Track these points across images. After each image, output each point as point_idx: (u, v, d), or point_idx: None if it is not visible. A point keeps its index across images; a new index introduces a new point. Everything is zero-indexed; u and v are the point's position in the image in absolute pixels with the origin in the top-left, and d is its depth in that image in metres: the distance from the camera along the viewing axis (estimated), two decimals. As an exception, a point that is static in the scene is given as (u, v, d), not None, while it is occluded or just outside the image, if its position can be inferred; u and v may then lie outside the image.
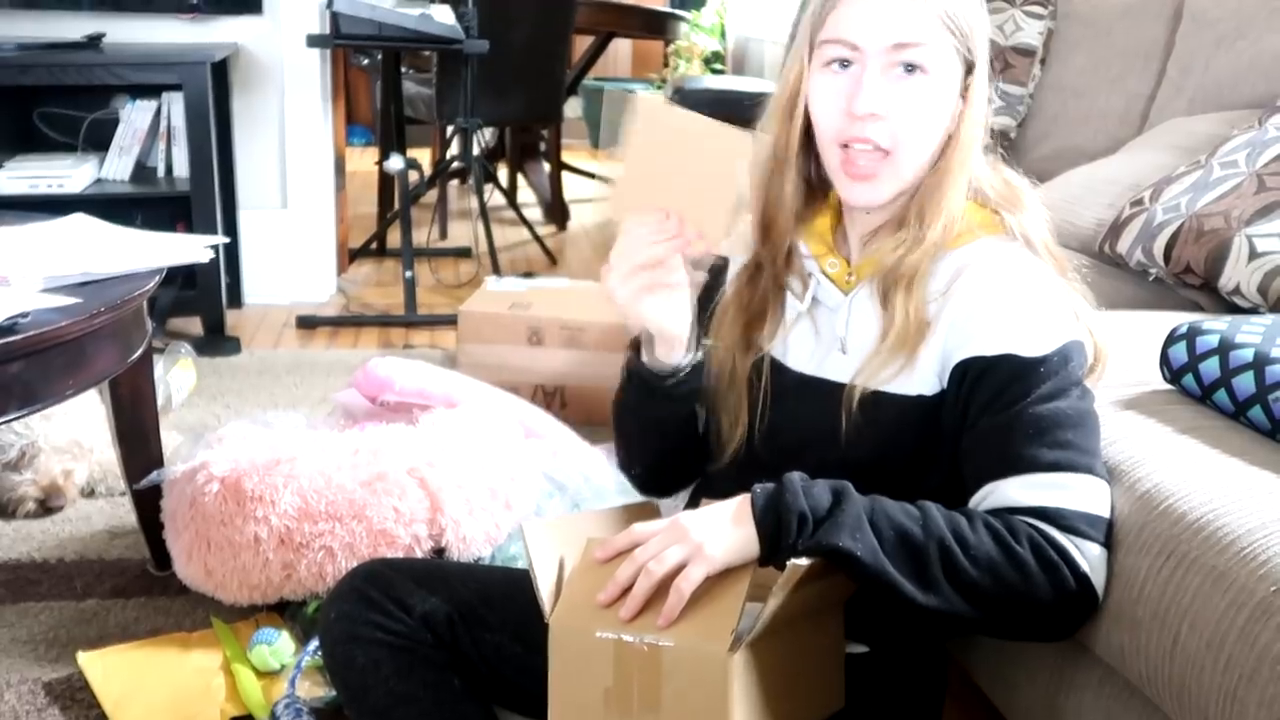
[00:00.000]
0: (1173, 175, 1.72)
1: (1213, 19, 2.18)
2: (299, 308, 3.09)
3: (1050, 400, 0.95)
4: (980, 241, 1.02)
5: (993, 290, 0.99)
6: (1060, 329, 0.98)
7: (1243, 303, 1.50)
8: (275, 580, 1.53)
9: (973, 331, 0.98)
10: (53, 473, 1.89)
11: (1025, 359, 0.96)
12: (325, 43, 2.91)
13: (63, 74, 2.65)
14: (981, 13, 1.02)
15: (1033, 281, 0.99)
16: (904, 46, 0.98)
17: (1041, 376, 0.95)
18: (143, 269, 1.51)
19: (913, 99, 0.98)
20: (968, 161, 1.02)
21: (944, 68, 0.99)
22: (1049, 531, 0.91)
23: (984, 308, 0.98)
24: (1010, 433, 0.95)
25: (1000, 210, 1.04)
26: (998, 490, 0.95)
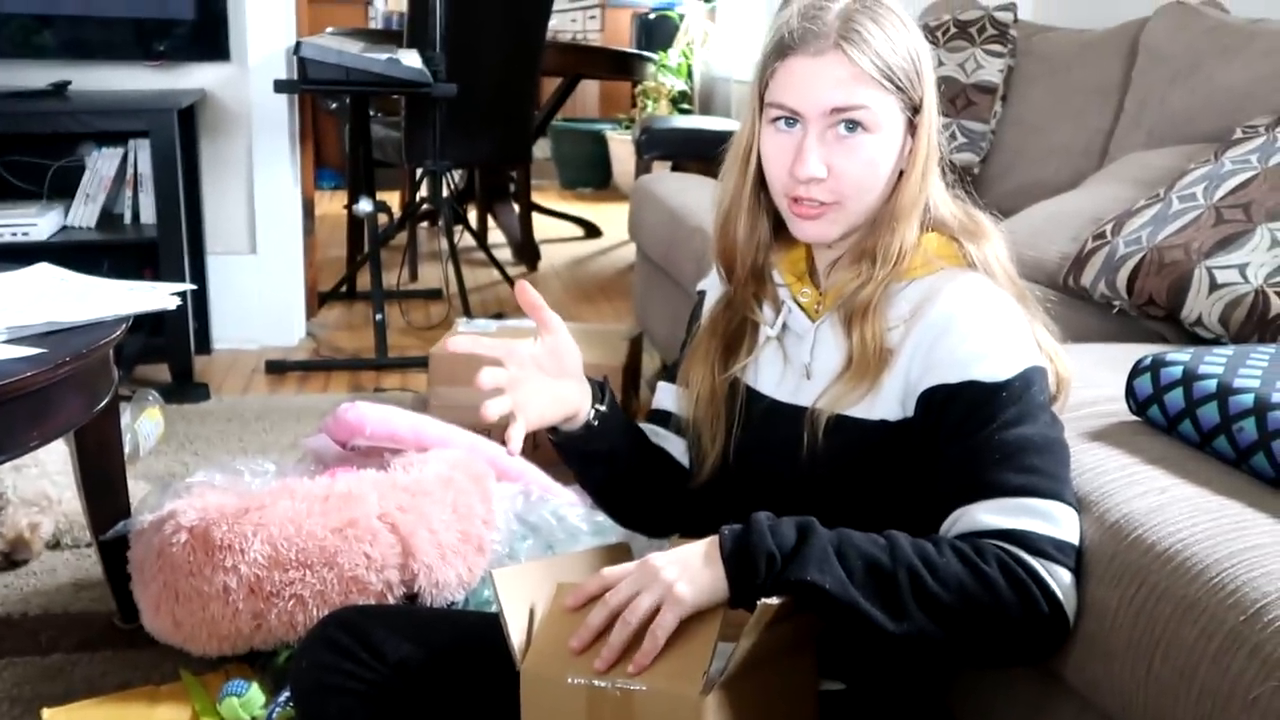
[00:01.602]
0: (1133, 208, 1.75)
1: (1167, 56, 2.23)
2: (268, 352, 3.07)
3: (1016, 425, 0.96)
4: (942, 271, 1.03)
5: (954, 318, 1.00)
6: (1021, 354, 0.99)
7: (1205, 334, 1.52)
8: (245, 630, 1.51)
9: (935, 360, 0.99)
10: (19, 525, 1.86)
11: (987, 384, 0.96)
12: (293, 88, 2.92)
13: (28, 122, 2.65)
14: (920, 48, 1.03)
15: (993, 309, 1.01)
16: (842, 111, 1.00)
17: (1005, 401, 0.96)
18: (108, 317, 1.49)
19: (855, 157, 1.01)
20: (920, 194, 1.04)
21: (886, 120, 1.01)
22: (1018, 553, 0.92)
23: (945, 336, 0.99)
24: (977, 458, 0.96)
25: (961, 240, 1.05)
26: (966, 515, 0.95)
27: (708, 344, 1.15)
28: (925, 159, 1.03)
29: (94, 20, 2.82)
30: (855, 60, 0.99)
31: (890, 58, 1.00)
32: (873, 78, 0.99)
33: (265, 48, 2.98)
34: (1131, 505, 0.98)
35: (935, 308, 1.00)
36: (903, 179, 1.03)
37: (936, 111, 1.04)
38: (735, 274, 1.13)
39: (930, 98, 1.03)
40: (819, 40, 1.00)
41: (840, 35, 0.99)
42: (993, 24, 2.64)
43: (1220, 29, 2.16)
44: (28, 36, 2.77)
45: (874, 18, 1.00)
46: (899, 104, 1.01)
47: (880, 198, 1.03)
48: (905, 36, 1.01)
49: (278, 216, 3.10)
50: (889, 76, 0.99)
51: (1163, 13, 2.32)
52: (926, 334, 1.00)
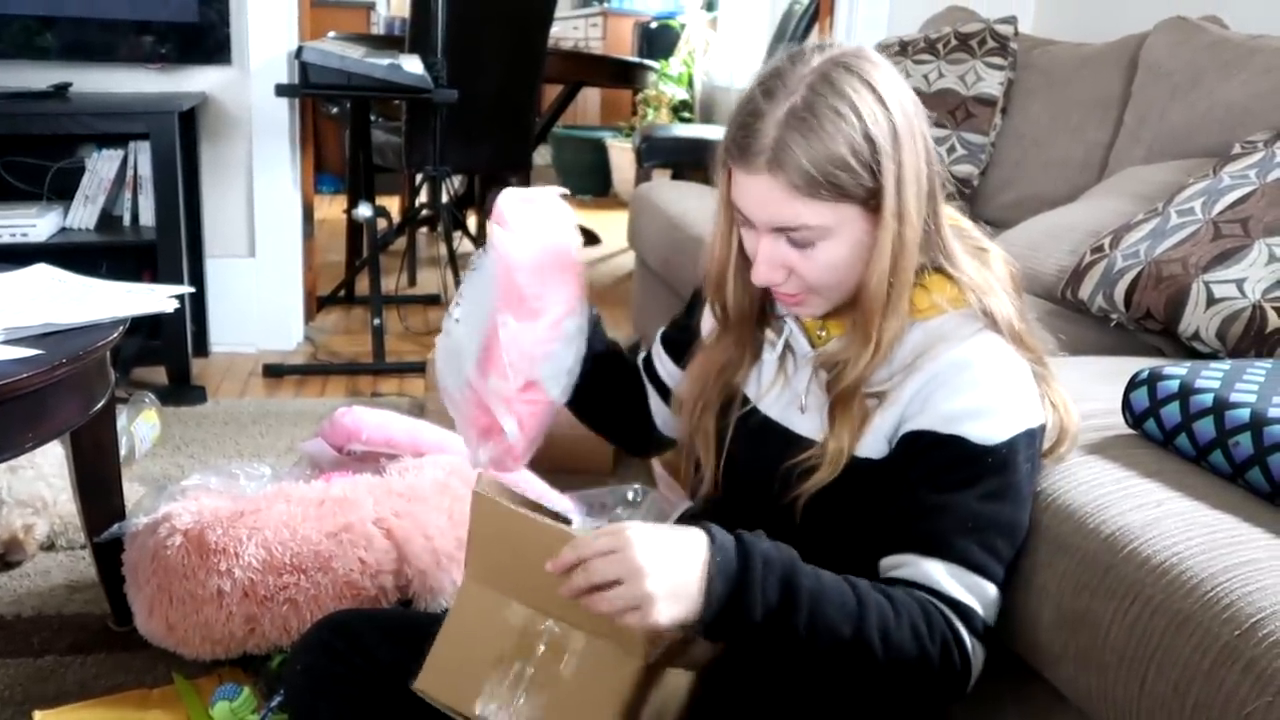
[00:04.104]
0: (1132, 222, 1.76)
1: (1167, 71, 2.23)
2: (266, 356, 3.07)
3: (994, 499, 0.96)
4: (947, 317, 1.01)
5: (957, 370, 0.98)
6: (1015, 419, 0.97)
7: (1202, 348, 1.53)
8: (239, 634, 1.50)
9: (929, 406, 0.97)
10: (13, 527, 1.86)
11: (974, 446, 0.95)
12: (294, 92, 2.92)
13: (29, 123, 2.65)
14: (879, 127, 0.94)
15: (995, 366, 0.98)
16: (785, 230, 0.97)
17: (988, 467, 0.95)
18: (106, 319, 1.49)
19: (810, 263, 0.98)
20: (901, 270, 0.98)
21: (836, 224, 0.96)
22: (961, 632, 0.94)
23: (944, 386, 0.97)
24: (946, 516, 0.96)
25: (968, 288, 1.01)
26: (919, 566, 0.96)
27: (707, 355, 1.14)
28: (906, 230, 0.97)
29: (96, 22, 2.82)
30: (787, 183, 0.94)
31: (829, 166, 0.93)
32: (814, 199, 0.94)
33: (267, 51, 2.99)
34: (1127, 518, 0.99)
35: (941, 357, 0.98)
36: (872, 263, 0.97)
37: (921, 172, 0.97)
38: (730, 313, 1.10)
39: (898, 174, 0.95)
40: (753, 159, 0.95)
41: (771, 154, 0.94)
42: (993, 37, 2.65)
43: (1220, 44, 2.16)
44: (29, 38, 2.77)
45: (810, 124, 0.93)
46: (851, 202, 0.95)
47: (860, 275, 0.99)
48: (852, 127, 0.93)
49: (277, 220, 3.10)
50: (831, 185, 0.94)
51: (1163, 27, 2.33)
52: (928, 382, 0.98)
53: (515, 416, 1.08)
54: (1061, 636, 0.99)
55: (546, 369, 1.10)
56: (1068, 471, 1.08)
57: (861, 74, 0.95)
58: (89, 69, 2.84)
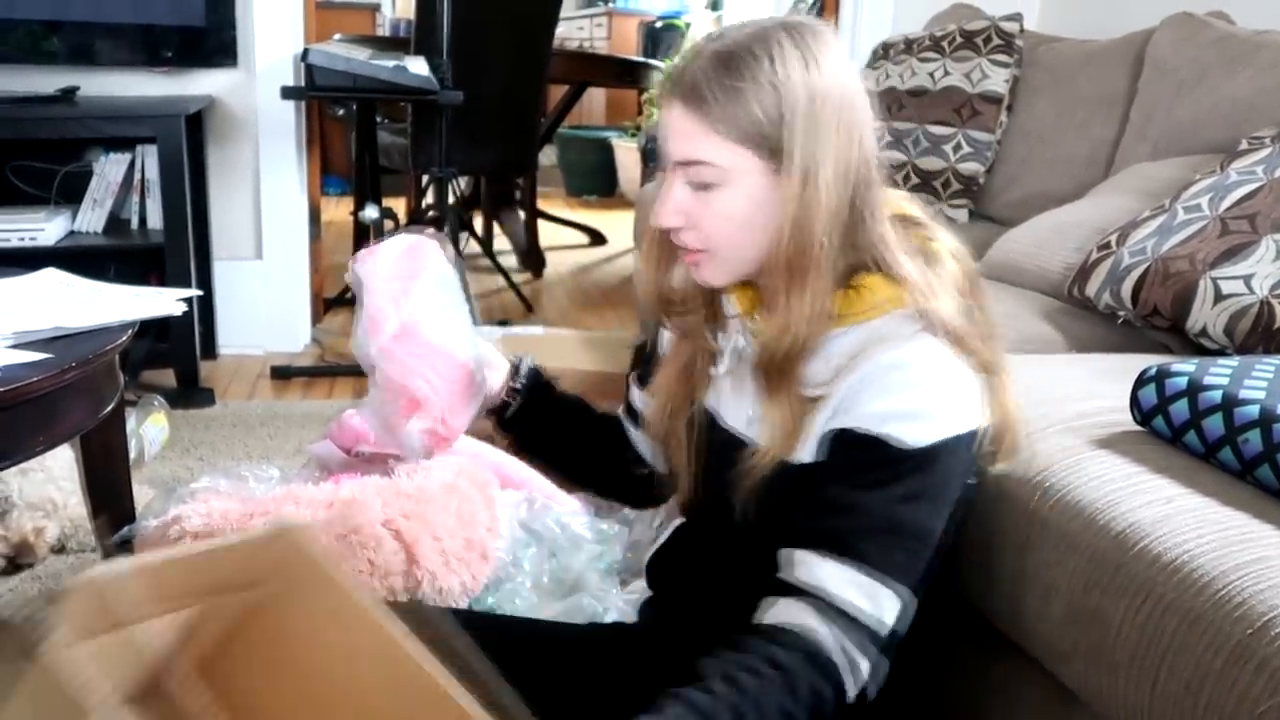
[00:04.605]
0: (1138, 219, 1.75)
1: (1173, 67, 2.23)
2: (274, 358, 3.08)
3: (909, 502, 0.93)
4: (885, 318, 0.97)
5: (887, 371, 0.94)
6: (945, 423, 0.93)
7: (1210, 344, 1.52)
8: (249, 636, 1.51)
9: (857, 405, 0.95)
10: (24, 529, 1.86)
11: (897, 447, 0.92)
12: (300, 94, 2.92)
13: (36, 128, 2.65)
14: (798, 97, 0.94)
15: (928, 369, 0.95)
16: (690, 164, 0.97)
17: (909, 469, 0.93)
18: (115, 323, 1.50)
19: (707, 210, 0.97)
20: (814, 249, 0.95)
21: (738, 176, 0.96)
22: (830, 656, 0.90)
23: (873, 385, 0.94)
24: (856, 515, 0.93)
25: (908, 289, 0.98)
26: (815, 567, 0.93)
27: (670, 375, 1.12)
28: (804, 206, 0.94)
29: (102, 26, 2.82)
30: (694, 115, 0.95)
31: (735, 106, 0.94)
32: (715, 133, 0.94)
33: (273, 54, 2.99)
34: (1137, 515, 0.98)
35: (875, 358, 0.95)
36: (773, 227, 0.96)
37: (845, 153, 0.96)
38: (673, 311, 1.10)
39: (812, 142, 0.94)
40: (671, 91, 0.97)
41: (688, 86, 0.95)
42: (999, 34, 2.65)
43: (1226, 40, 2.16)
44: (36, 42, 2.78)
45: (730, 65, 0.94)
46: (752, 149, 0.95)
47: (767, 247, 0.97)
48: (768, 77, 0.93)
49: (284, 222, 3.11)
50: (734, 125, 0.94)
51: (1168, 24, 2.33)
52: (859, 381, 0.95)
53: (421, 375, 1.04)
54: (1072, 634, 0.99)
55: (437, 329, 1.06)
56: (1076, 467, 1.08)
57: (800, 42, 0.96)
58: (96, 73, 2.85)
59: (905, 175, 2.65)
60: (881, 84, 2.81)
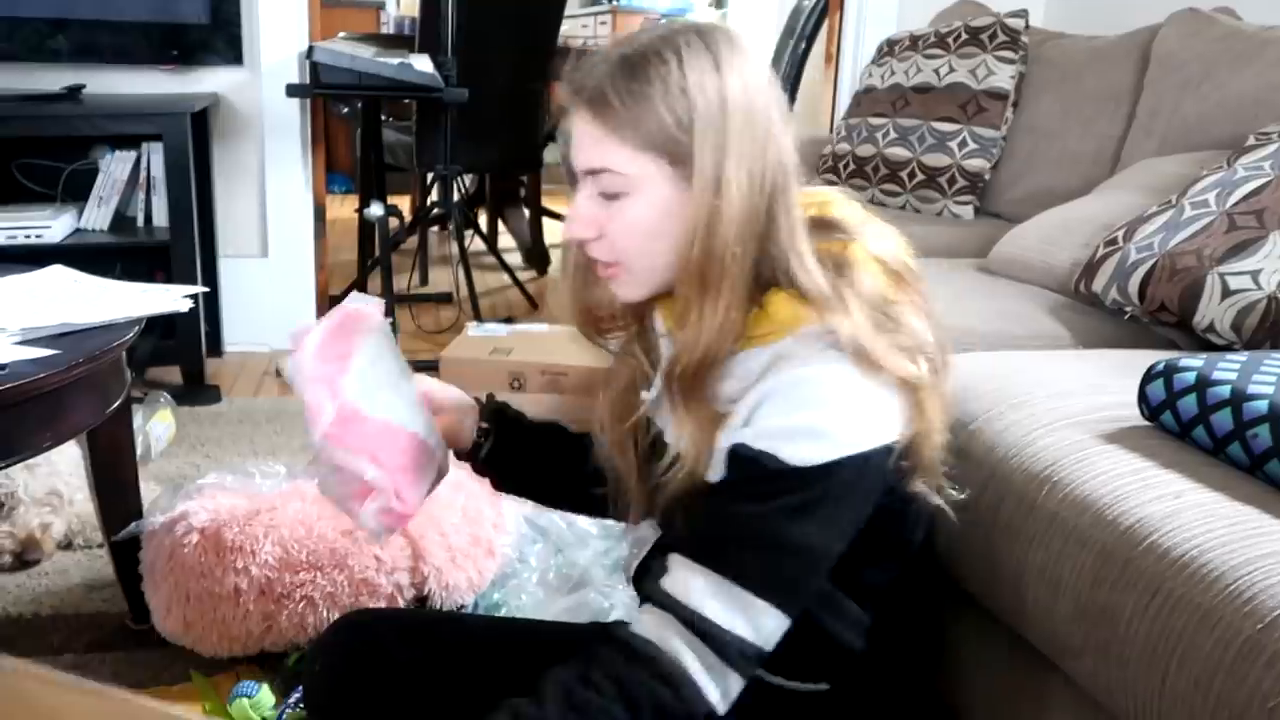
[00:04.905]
0: (1145, 215, 1.75)
1: (1179, 63, 2.23)
2: (279, 355, 3.08)
3: (788, 518, 0.89)
4: (790, 339, 0.93)
5: (785, 388, 0.90)
6: (841, 443, 0.89)
7: (1217, 340, 1.52)
8: (255, 632, 1.51)
9: (753, 421, 0.91)
10: (30, 525, 1.87)
11: (785, 464, 0.88)
12: (305, 92, 2.92)
13: (42, 125, 2.66)
14: (703, 102, 0.91)
15: (828, 388, 0.90)
16: (597, 173, 0.94)
17: (791, 488, 0.89)
18: (121, 319, 1.50)
19: (616, 220, 0.95)
20: (725, 259, 0.91)
21: (645, 184, 0.93)
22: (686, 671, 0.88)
23: (769, 402, 0.91)
24: (733, 526, 0.91)
25: (815, 305, 0.93)
26: (684, 575, 0.90)
27: (611, 396, 1.09)
28: (715, 213, 0.91)
29: (108, 24, 2.83)
30: (599, 122, 0.92)
31: (640, 111, 0.91)
32: (620, 140, 0.92)
33: (278, 52, 2.99)
34: (1146, 510, 0.98)
35: (778, 375, 0.91)
36: (683, 236, 0.92)
37: (756, 161, 0.92)
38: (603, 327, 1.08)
39: (720, 148, 0.91)
40: (575, 95, 0.94)
41: (592, 93, 0.93)
42: (1004, 30, 2.64)
43: (1233, 36, 2.16)
44: (42, 40, 2.78)
45: (635, 69, 0.92)
46: (658, 156, 0.92)
47: (678, 256, 0.93)
48: (675, 82, 0.91)
49: (289, 220, 3.11)
50: (640, 131, 0.91)
51: (1175, 20, 2.32)
52: (759, 399, 0.92)
53: (368, 456, 1.00)
54: (1080, 629, 0.99)
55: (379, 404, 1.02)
56: (1084, 462, 1.08)
57: (710, 45, 0.93)
58: (101, 71, 2.85)
59: (910, 172, 2.65)
60: (887, 80, 2.81)
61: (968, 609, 1.23)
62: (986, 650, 1.22)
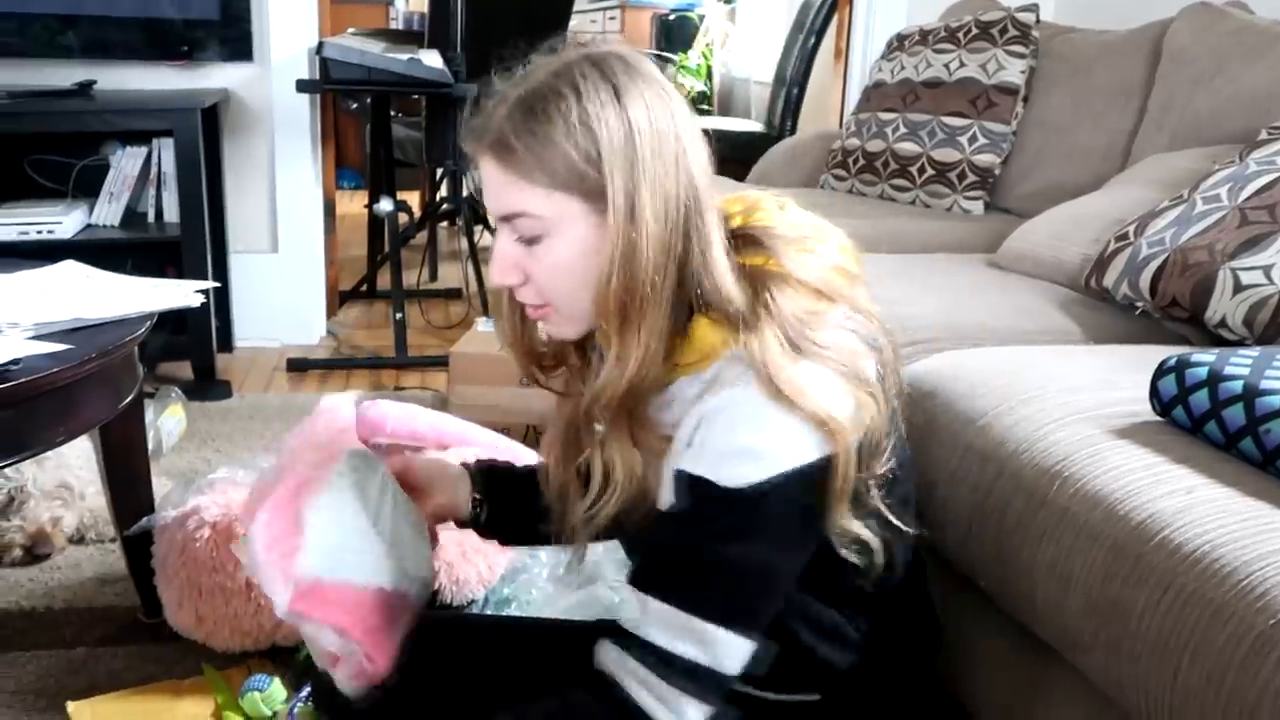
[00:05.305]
0: (1156, 210, 1.74)
1: (1191, 57, 2.22)
2: (289, 351, 3.09)
3: (727, 540, 0.89)
4: (717, 364, 0.93)
5: (713, 413, 0.90)
6: (768, 464, 0.88)
7: (1229, 335, 1.51)
8: (267, 626, 1.52)
9: (690, 448, 0.91)
10: (41, 519, 1.88)
11: (722, 489, 0.88)
12: (315, 88, 2.93)
13: (53, 121, 2.67)
14: (611, 134, 0.90)
15: (751, 409, 0.89)
16: (511, 218, 0.93)
17: (732, 511, 0.89)
18: (133, 314, 1.51)
19: (540, 262, 0.94)
20: (643, 277, 0.91)
21: (563, 222, 0.92)
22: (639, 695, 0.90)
23: (701, 428, 0.91)
24: (681, 555, 0.91)
25: (735, 329, 0.93)
26: (641, 605, 0.91)
27: (555, 439, 1.07)
28: (630, 245, 0.90)
29: (118, 20, 2.83)
30: (506, 167, 0.92)
31: (545, 152, 0.90)
32: (530, 183, 0.91)
33: (288, 48, 3.00)
34: (1158, 505, 0.98)
35: (706, 403, 0.91)
36: (601, 270, 0.91)
37: (669, 189, 0.91)
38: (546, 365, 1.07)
39: (630, 179, 0.90)
40: (478, 142, 0.94)
41: (495, 136, 0.92)
42: (1014, 25, 2.63)
43: (1245, 30, 2.15)
44: (52, 37, 2.79)
45: (534, 109, 0.91)
46: (571, 195, 0.91)
47: (604, 289, 0.92)
48: (576, 118, 0.90)
49: (299, 215, 3.12)
50: (549, 172, 0.91)
51: (1187, 13, 2.31)
52: (693, 426, 0.92)
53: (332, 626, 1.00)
54: (1091, 624, 0.99)
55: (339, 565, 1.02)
56: (1095, 457, 1.08)
57: (607, 73, 0.92)
58: (112, 67, 2.85)
59: (920, 167, 2.65)
60: (896, 76, 2.80)
61: (978, 604, 1.23)
62: (997, 646, 1.22)
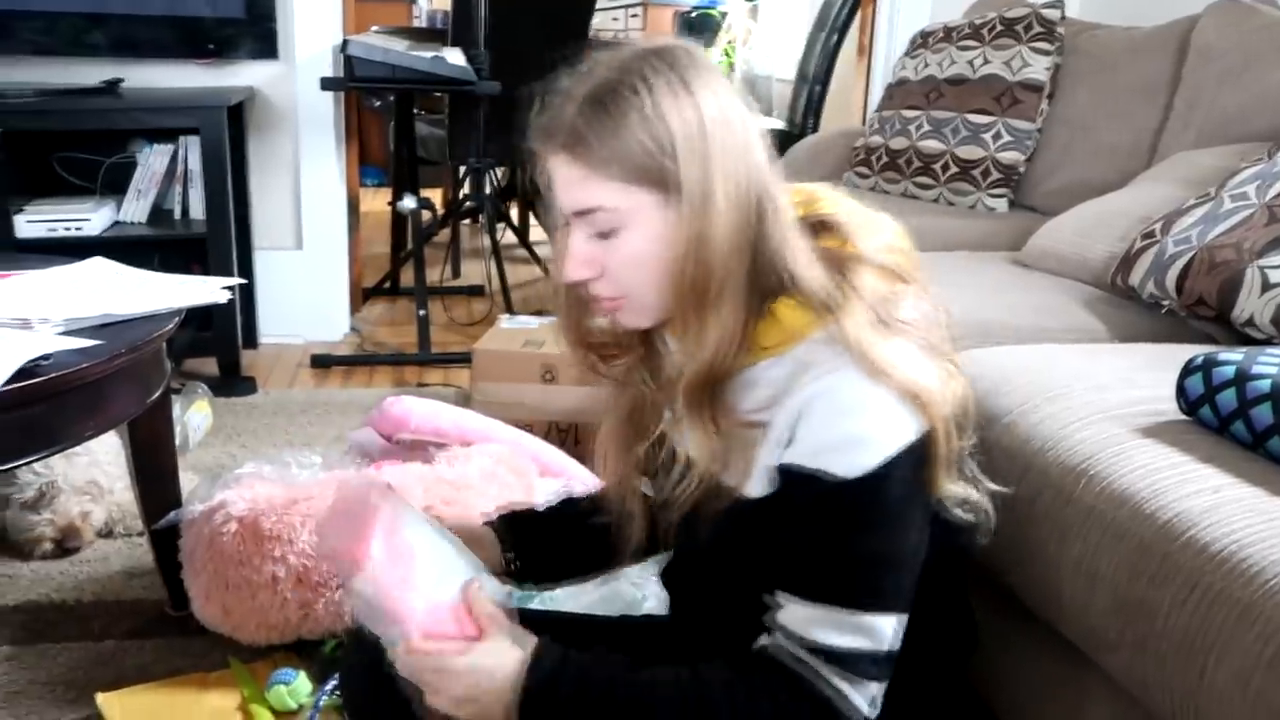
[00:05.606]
0: (1183, 208, 1.73)
1: (1218, 54, 2.20)
2: (313, 347, 3.11)
3: (866, 532, 0.90)
4: (804, 346, 0.94)
5: (815, 400, 0.91)
6: (877, 448, 0.89)
7: (1256, 334, 1.50)
8: (293, 620, 1.53)
9: (796, 439, 0.92)
10: (70, 513, 1.90)
11: (840, 480, 0.89)
12: (340, 85, 2.95)
13: (81, 119, 2.69)
14: (680, 126, 0.91)
15: (855, 393, 0.90)
16: (586, 213, 0.94)
17: (856, 502, 0.90)
18: (162, 310, 1.52)
19: (614, 256, 0.95)
20: (717, 262, 0.92)
21: (638, 214, 0.93)
22: (833, 681, 0.90)
23: (806, 417, 0.91)
24: (819, 555, 0.91)
25: (822, 310, 0.94)
26: (795, 609, 0.92)
27: (614, 430, 1.08)
28: (704, 232, 0.91)
29: (145, 19, 2.86)
30: (580, 162, 0.93)
31: (620, 145, 0.91)
32: (604, 177, 0.92)
33: (313, 46, 3.02)
34: (1185, 504, 0.98)
35: (806, 388, 0.92)
36: (676, 257, 0.92)
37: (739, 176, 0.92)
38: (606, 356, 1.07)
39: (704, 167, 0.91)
40: (549, 141, 0.95)
41: (568, 133, 0.93)
42: (1039, 22, 2.62)
43: (1273, 27, 2.13)
44: (80, 35, 2.82)
45: (606, 103, 0.92)
46: (646, 187, 0.92)
47: (676, 279, 0.93)
48: (649, 110, 0.91)
49: (323, 213, 3.14)
50: (625, 165, 0.91)
51: (1214, 10, 2.29)
52: (794, 413, 0.92)
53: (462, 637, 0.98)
54: (1116, 623, 0.99)
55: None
56: (1121, 455, 1.07)
57: (674, 65, 0.93)
58: (139, 65, 2.88)
59: (944, 164, 2.64)
60: (920, 73, 2.79)
61: (1003, 602, 1.22)
62: (1022, 644, 1.22)
